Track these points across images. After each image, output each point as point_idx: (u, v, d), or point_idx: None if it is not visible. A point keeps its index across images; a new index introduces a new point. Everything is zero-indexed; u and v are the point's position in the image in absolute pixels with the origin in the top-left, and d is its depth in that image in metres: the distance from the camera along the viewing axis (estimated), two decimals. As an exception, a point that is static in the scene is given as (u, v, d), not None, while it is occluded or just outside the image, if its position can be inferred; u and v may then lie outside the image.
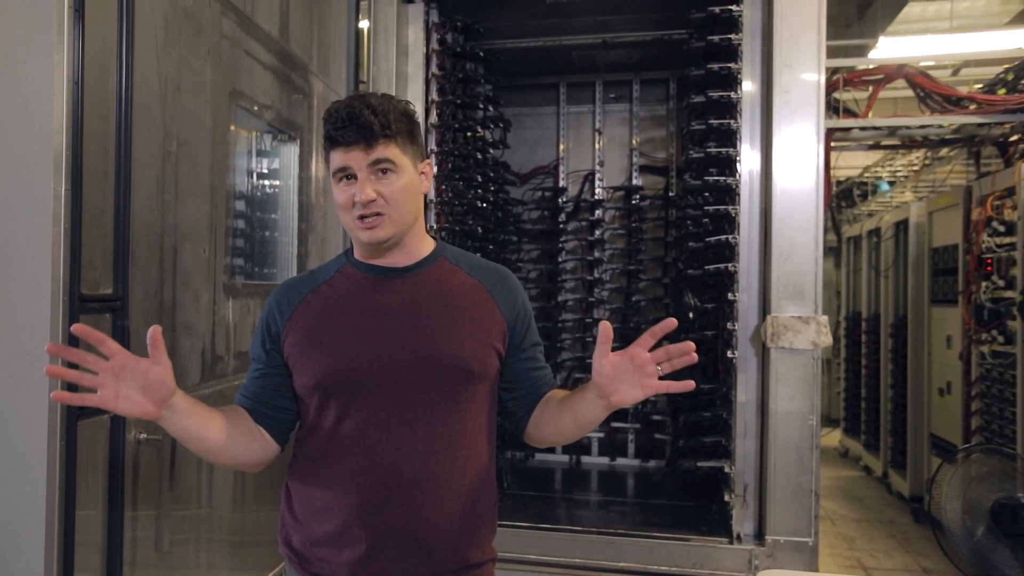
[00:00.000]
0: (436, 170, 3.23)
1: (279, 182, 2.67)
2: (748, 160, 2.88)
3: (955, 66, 5.48)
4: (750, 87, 2.88)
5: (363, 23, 3.13)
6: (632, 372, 1.24)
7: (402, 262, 1.39)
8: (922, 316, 5.16)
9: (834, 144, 4.59)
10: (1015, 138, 4.46)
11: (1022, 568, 3.13)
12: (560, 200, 4.29)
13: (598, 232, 4.21)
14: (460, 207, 3.43)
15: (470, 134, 3.50)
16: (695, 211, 3.25)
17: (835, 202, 7.74)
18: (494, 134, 3.89)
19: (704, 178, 3.04)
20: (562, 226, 4.27)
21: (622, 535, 2.88)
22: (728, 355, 2.86)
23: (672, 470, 3.55)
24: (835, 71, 4.31)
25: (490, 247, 3.73)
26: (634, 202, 4.18)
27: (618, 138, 4.32)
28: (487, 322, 1.38)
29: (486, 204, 3.68)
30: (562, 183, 4.34)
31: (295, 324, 1.36)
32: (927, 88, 4.23)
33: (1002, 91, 4.16)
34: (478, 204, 3.59)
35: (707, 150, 3.02)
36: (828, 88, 4.07)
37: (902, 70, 4.27)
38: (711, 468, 2.98)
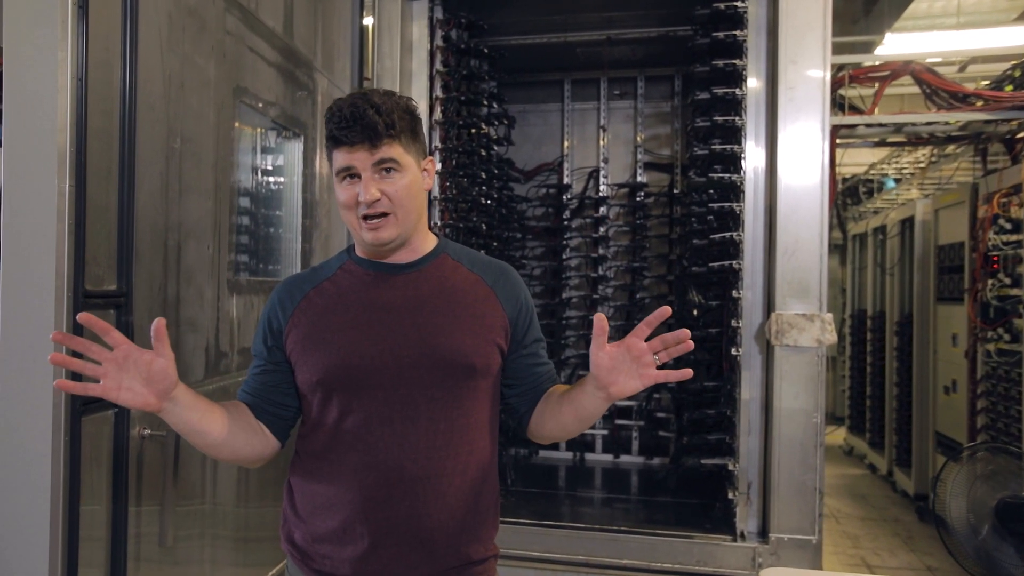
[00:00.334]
0: (440, 167, 3.23)
1: (283, 179, 2.66)
2: (753, 157, 2.88)
3: (962, 62, 5.45)
4: (755, 84, 2.87)
5: (367, 20, 3.13)
6: (629, 363, 1.23)
7: (404, 259, 1.39)
8: (928, 314, 5.14)
9: (839, 141, 4.56)
10: (1022, 135, 4.43)
11: (1027, 567, 3.13)
12: (564, 197, 4.29)
13: (602, 229, 4.20)
14: (464, 204, 3.43)
15: (474, 131, 3.50)
16: (699, 208, 3.24)
17: (840, 199, 7.71)
18: (498, 131, 3.89)
19: (709, 175, 3.03)
20: (566, 223, 4.27)
21: (625, 532, 2.88)
22: (732, 352, 2.85)
23: (676, 467, 3.54)
24: (841, 67, 4.28)
25: (494, 244, 3.73)
26: (638, 199, 4.18)
27: (622, 135, 4.32)
28: (489, 318, 1.38)
29: (490, 201, 3.68)
30: (566, 180, 4.33)
31: (297, 321, 1.36)
32: (934, 85, 4.20)
33: (1009, 88, 4.13)
34: (482, 201, 3.59)
35: (712, 147, 3.01)
36: (834, 85, 4.05)
37: (908, 66, 4.23)
38: (715, 465, 2.97)
